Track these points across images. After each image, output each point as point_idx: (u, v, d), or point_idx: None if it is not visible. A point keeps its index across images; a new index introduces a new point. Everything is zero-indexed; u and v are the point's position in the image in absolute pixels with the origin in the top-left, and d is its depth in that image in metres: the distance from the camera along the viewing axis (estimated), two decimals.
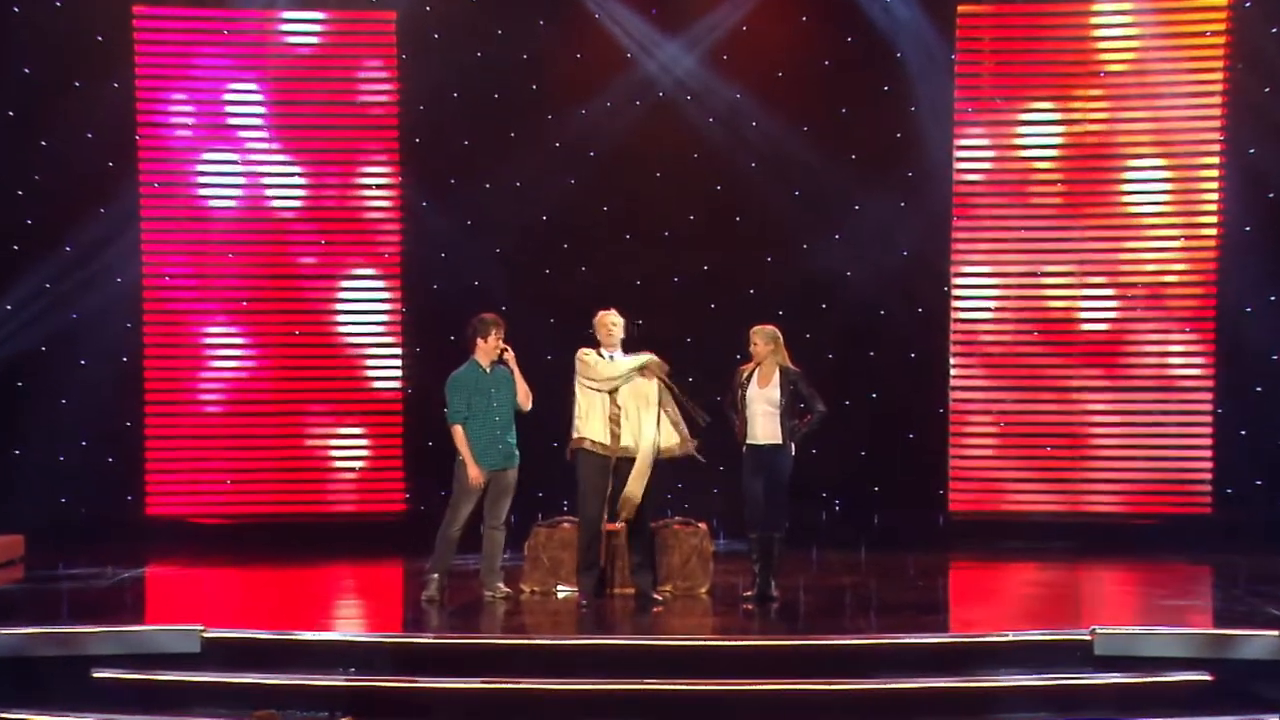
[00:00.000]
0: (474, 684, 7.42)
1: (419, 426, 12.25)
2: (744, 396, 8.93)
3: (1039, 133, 12.07)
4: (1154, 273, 11.90)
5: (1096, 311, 12.02)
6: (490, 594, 9.08)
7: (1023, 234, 12.09)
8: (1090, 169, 12.02)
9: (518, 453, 9.08)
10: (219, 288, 12.12)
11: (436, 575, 9.02)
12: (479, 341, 9.08)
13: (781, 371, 8.90)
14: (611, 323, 8.95)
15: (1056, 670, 7.52)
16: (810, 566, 10.52)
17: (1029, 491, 12.04)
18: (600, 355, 8.93)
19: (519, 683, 7.40)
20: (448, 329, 12.29)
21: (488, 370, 9.06)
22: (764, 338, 8.98)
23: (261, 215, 12.16)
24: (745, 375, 9.00)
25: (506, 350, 8.99)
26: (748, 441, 8.93)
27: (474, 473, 8.91)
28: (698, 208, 12.31)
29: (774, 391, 8.86)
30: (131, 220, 11.94)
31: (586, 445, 8.83)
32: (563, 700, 7.28)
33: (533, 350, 11.37)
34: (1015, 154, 12.11)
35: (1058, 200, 12.03)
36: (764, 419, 8.87)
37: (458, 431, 8.94)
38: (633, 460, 8.81)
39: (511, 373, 9.01)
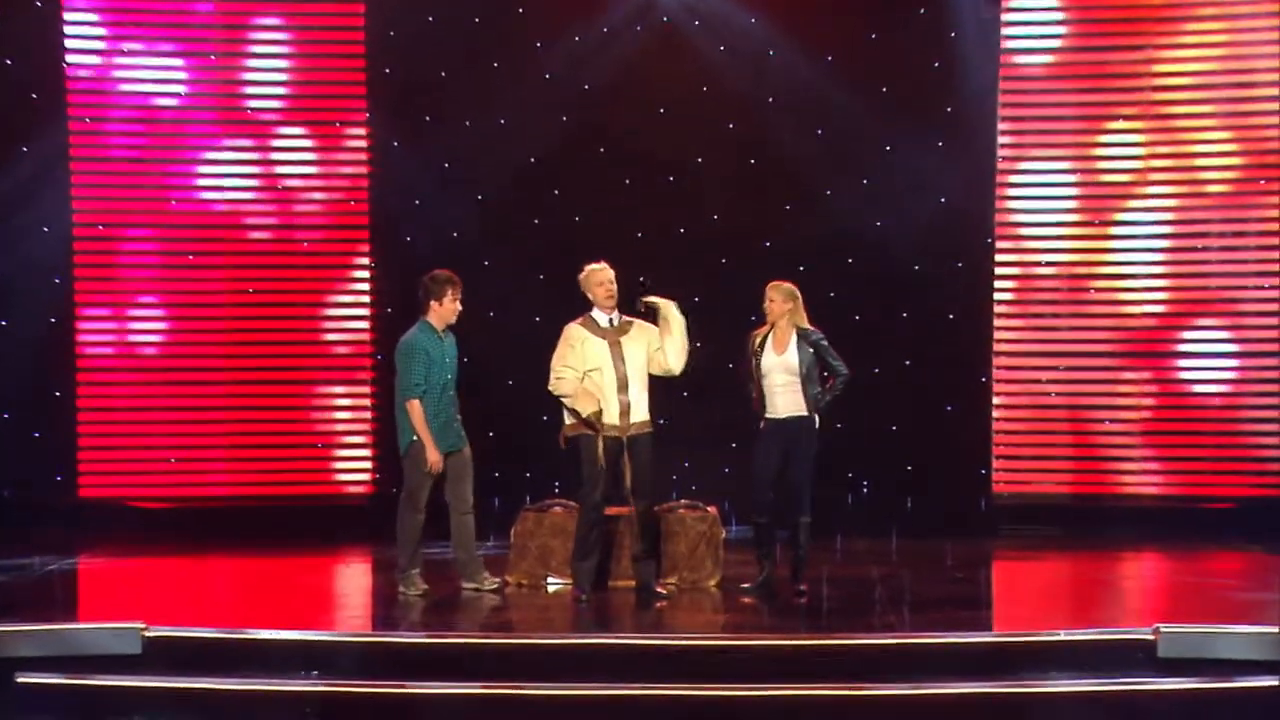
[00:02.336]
0: (455, 688, 7.43)
1: (390, 398, 12.20)
2: (758, 365, 8.90)
3: (1100, 60, 11.98)
4: (1227, 222, 11.85)
5: (1161, 267, 11.98)
6: (475, 585, 9.08)
7: (1079, 178, 12.03)
8: (1160, 103, 11.94)
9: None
10: (161, 239, 12.08)
11: (416, 570, 9.02)
12: (433, 304, 9.03)
13: (799, 334, 8.87)
14: (606, 280, 8.89)
15: (1115, 674, 7.53)
16: (834, 556, 10.54)
17: (1083, 471, 12.04)
18: (595, 323, 8.86)
19: (506, 687, 7.41)
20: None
21: (442, 336, 9.03)
22: (782, 294, 8.95)
23: (209, 157, 12.08)
24: (759, 340, 8.97)
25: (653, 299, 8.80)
26: (767, 415, 8.92)
27: (434, 457, 8.90)
28: (707, 149, 12.27)
29: (792, 357, 8.84)
30: (59, 161, 11.88)
31: (583, 432, 8.79)
32: (556, 706, 7.30)
33: (518, 311, 11.43)
34: (1071, 86, 12.03)
35: (1117, 140, 11.96)
36: (784, 389, 8.87)
37: (415, 408, 8.90)
38: (649, 434, 8.82)
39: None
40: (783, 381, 8.86)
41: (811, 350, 8.84)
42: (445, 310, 9.02)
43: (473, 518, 9.11)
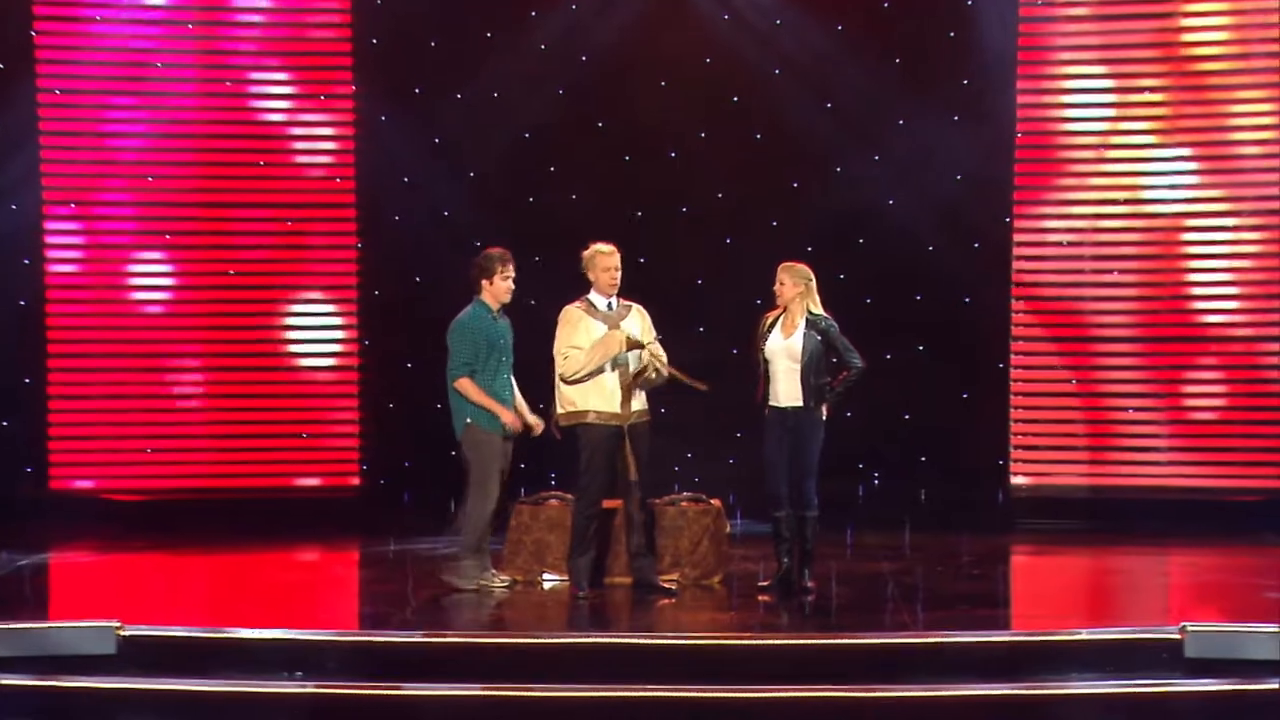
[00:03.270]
0: (447, 690, 7.42)
1: (377, 386, 12.25)
2: (763, 349, 8.89)
3: (1129, 29, 11.95)
4: (1261, 199, 11.84)
5: (1191, 247, 11.96)
6: (483, 582, 9.07)
7: (1102, 154, 12.01)
8: (1187, 72, 11.91)
9: None
10: (136, 217, 12.07)
11: (475, 563, 8.99)
12: (484, 282, 9.00)
13: (808, 320, 8.85)
14: (613, 265, 8.85)
15: (1139, 675, 7.51)
16: (845, 552, 10.54)
17: (1105, 462, 12.06)
18: (593, 306, 8.85)
19: (501, 689, 7.40)
20: (412, 268, 12.32)
21: (496, 316, 8.99)
22: (792, 276, 8.93)
23: (188, 131, 12.07)
24: (768, 323, 8.96)
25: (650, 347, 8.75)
26: (769, 403, 8.92)
27: (508, 417, 8.80)
28: (711, 123, 12.27)
29: (796, 343, 8.83)
30: (28, 135, 11.87)
31: (592, 419, 8.79)
32: (553, 709, 7.30)
33: (513, 294, 11.39)
34: (1094, 55, 12.01)
35: (1149, 113, 11.93)
36: (786, 376, 8.86)
37: (466, 384, 8.80)
38: (648, 423, 8.85)
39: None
40: (785, 368, 8.85)
41: (819, 338, 8.81)
42: (498, 288, 8.96)
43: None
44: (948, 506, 11.89)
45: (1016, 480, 12.15)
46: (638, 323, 8.92)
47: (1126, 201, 12.01)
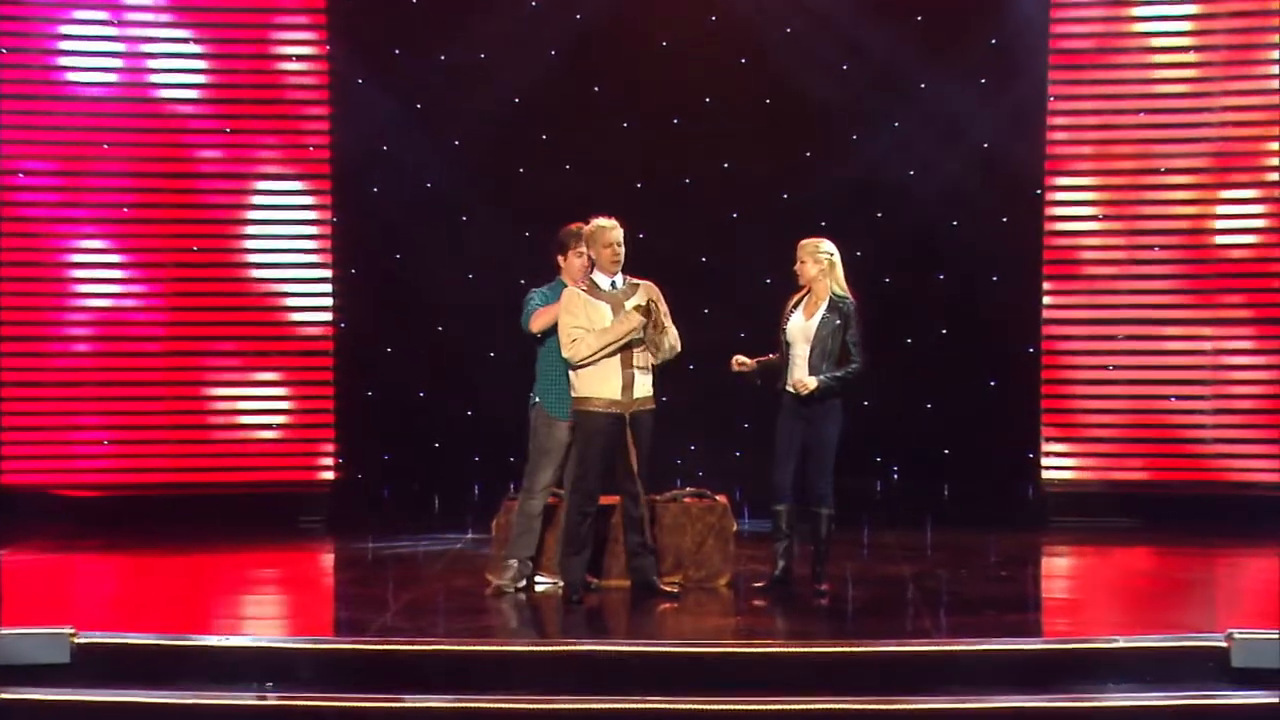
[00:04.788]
0: (430, 702, 7.44)
1: (354, 372, 12.26)
2: (784, 329, 8.92)
3: None
4: None
5: (1236, 220, 11.95)
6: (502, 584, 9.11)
7: (1142, 119, 11.99)
8: (1236, 32, 11.89)
9: None
10: (91, 189, 12.06)
11: (515, 562, 9.04)
12: (560, 259, 9.05)
13: (832, 299, 8.87)
14: (616, 241, 8.83)
15: (1182, 687, 7.52)
16: (861, 552, 10.55)
17: (1145, 455, 12.06)
18: (596, 286, 8.83)
19: (488, 700, 7.42)
20: (392, 245, 12.34)
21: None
22: (815, 255, 8.93)
23: (145, 94, 12.05)
24: (793, 303, 9.00)
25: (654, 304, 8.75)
26: (787, 387, 8.92)
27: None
28: (716, 87, 12.27)
29: (813, 324, 8.84)
30: None
31: (592, 407, 8.79)
32: None
33: (501, 273, 11.42)
34: (1134, 11, 11.98)
35: (1189, 75, 11.92)
36: (803, 360, 8.88)
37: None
38: (651, 412, 8.84)
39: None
40: (803, 351, 8.88)
41: (839, 321, 8.83)
42: (573, 265, 9.00)
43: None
44: (973, 503, 11.92)
45: (1048, 474, 12.15)
46: (643, 301, 8.90)
47: (1168, 171, 11.99)
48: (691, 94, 12.27)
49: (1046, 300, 12.16)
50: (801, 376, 8.85)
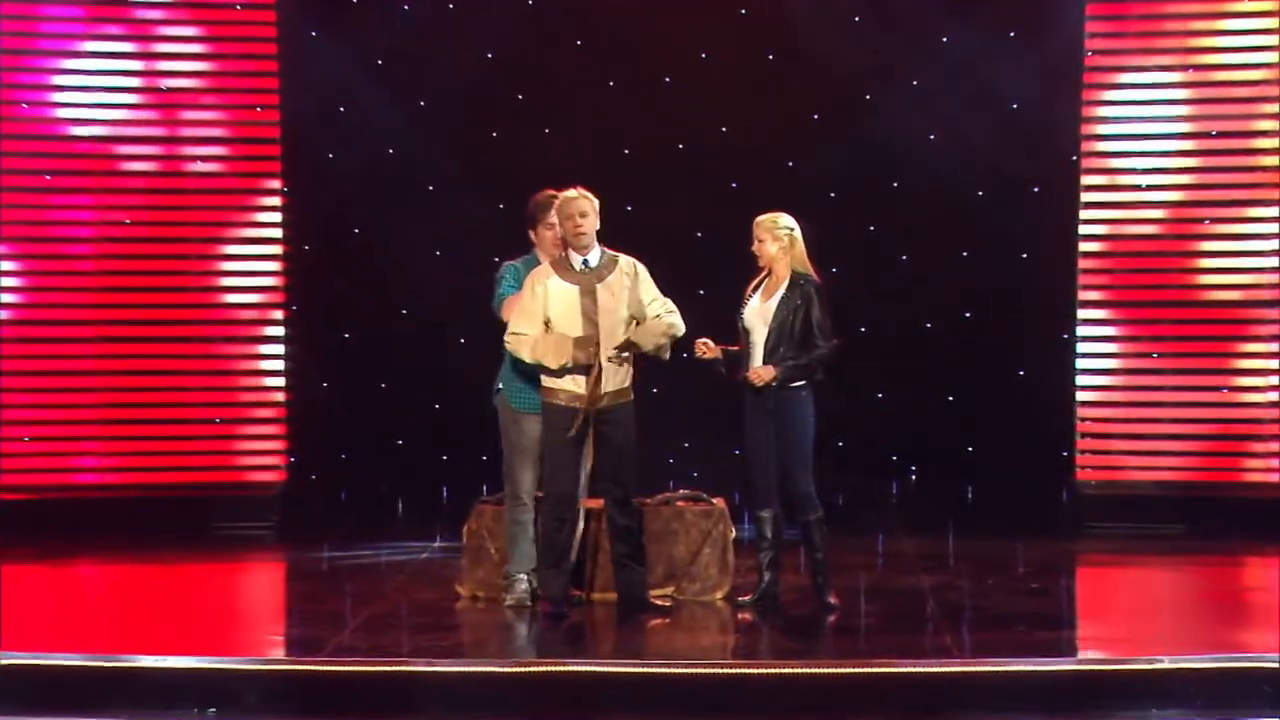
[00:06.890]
0: None
1: (306, 361, 12.25)
2: (743, 317, 8.91)
3: None
4: None
5: None
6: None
7: (1191, 75, 12.00)
8: None
9: None
10: (9, 154, 12.04)
11: (525, 576, 9.09)
12: (530, 232, 9.11)
13: (792, 279, 8.86)
14: (579, 211, 8.84)
15: (1233, 712, 7.54)
16: (875, 561, 10.56)
17: (1191, 454, 12.08)
18: (567, 263, 8.82)
19: None
20: (349, 219, 12.33)
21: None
22: (773, 232, 8.93)
23: (69, 47, 12.05)
24: (751, 286, 8.99)
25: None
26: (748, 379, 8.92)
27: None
28: (713, 42, 12.29)
29: (772, 307, 8.85)
30: None
31: (556, 400, 8.80)
32: None
33: (472, 249, 11.42)
34: None
35: (1245, 25, 11.92)
36: (761, 347, 8.88)
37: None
38: (626, 405, 8.83)
39: None
40: (760, 338, 8.88)
41: (799, 302, 8.82)
42: (544, 237, 9.04)
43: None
44: (1000, 507, 11.93)
45: (1084, 476, 12.17)
46: (623, 285, 8.88)
47: (1219, 135, 12.00)
48: (686, 48, 12.28)
49: (1082, 281, 12.17)
50: (757, 366, 8.84)
